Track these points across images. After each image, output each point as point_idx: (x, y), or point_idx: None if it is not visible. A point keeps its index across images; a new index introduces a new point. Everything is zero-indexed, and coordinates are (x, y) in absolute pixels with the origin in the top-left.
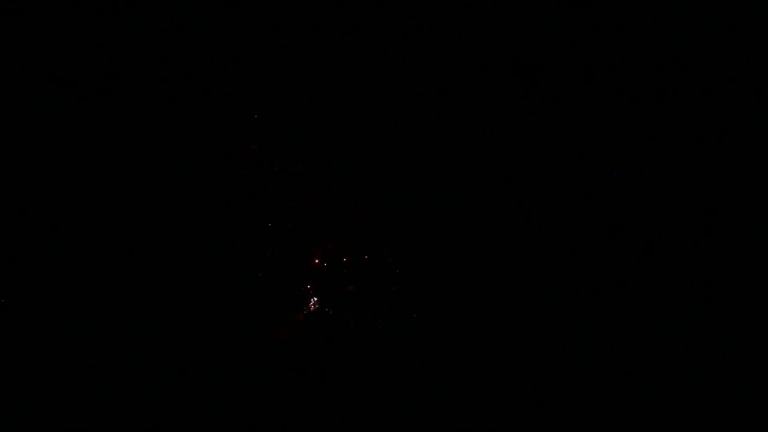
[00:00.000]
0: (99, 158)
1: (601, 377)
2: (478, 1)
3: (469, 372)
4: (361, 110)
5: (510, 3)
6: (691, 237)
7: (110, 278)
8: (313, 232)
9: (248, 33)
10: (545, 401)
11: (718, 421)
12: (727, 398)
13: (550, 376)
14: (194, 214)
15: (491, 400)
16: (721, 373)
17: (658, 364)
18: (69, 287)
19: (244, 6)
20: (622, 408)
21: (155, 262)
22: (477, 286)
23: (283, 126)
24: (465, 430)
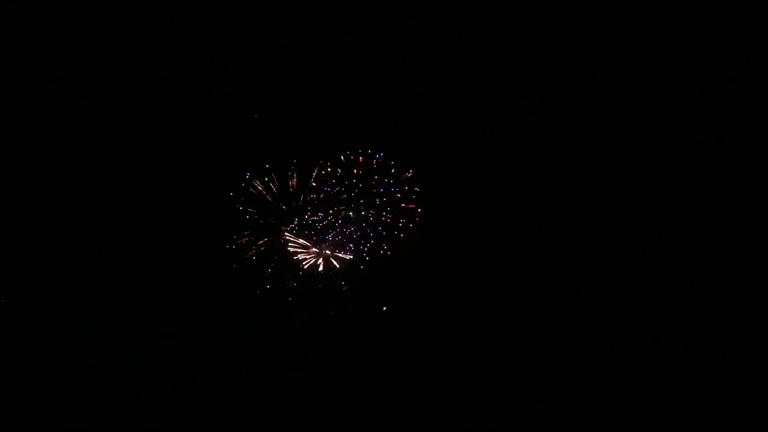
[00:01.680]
0: (99, 158)
1: (601, 377)
2: (478, 2)
3: (469, 372)
4: (360, 110)
5: (510, 3)
6: (691, 237)
7: (110, 278)
8: (313, 231)
9: (248, 33)
10: (545, 401)
11: (718, 420)
12: (726, 398)
13: (549, 376)
14: (194, 214)
15: (491, 400)
16: (721, 372)
17: (657, 363)
18: (69, 287)
19: (244, 6)
20: (621, 408)
21: (155, 262)
22: (477, 286)
23: (283, 126)
24: (465, 429)
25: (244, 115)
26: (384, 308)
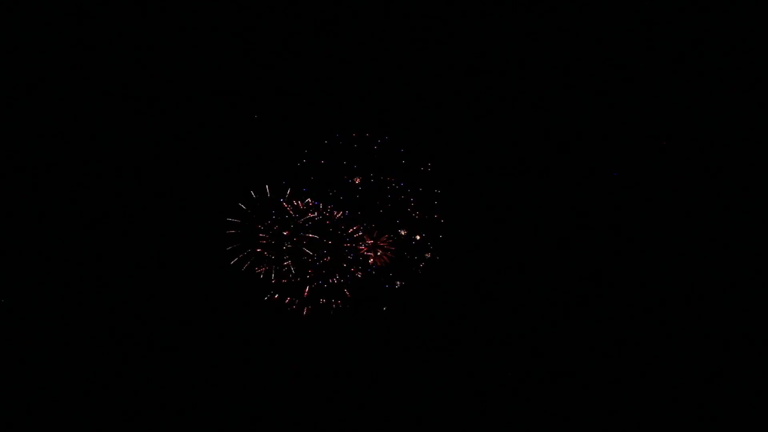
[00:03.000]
0: (99, 159)
1: (600, 377)
2: (478, 2)
3: (469, 372)
4: (360, 110)
5: (511, 3)
6: (691, 237)
7: (110, 279)
8: (313, 232)
9: (248, 33)
10: (544, 401)
11: (718, 421)
12: (726, 399)
13: (549, 376)
14: (194, 214)
15: (491, 400)
16: (721, 373)
17: (656, 364)
18: (69, 287)
19: (244, 6)
20: (620, 408)
21: (155, 263)
22: (477, 286)
23: (283, 126)
24: (464, 429)
25: (244, 115)
26: (384, 308)
